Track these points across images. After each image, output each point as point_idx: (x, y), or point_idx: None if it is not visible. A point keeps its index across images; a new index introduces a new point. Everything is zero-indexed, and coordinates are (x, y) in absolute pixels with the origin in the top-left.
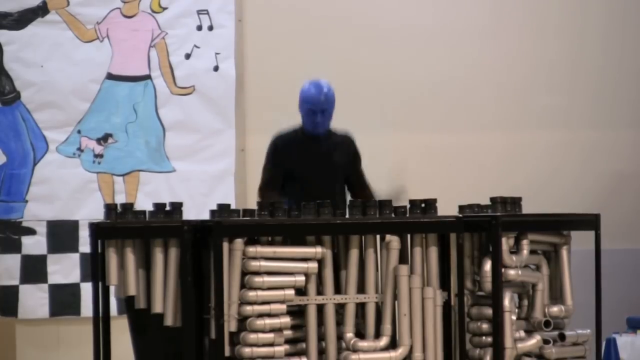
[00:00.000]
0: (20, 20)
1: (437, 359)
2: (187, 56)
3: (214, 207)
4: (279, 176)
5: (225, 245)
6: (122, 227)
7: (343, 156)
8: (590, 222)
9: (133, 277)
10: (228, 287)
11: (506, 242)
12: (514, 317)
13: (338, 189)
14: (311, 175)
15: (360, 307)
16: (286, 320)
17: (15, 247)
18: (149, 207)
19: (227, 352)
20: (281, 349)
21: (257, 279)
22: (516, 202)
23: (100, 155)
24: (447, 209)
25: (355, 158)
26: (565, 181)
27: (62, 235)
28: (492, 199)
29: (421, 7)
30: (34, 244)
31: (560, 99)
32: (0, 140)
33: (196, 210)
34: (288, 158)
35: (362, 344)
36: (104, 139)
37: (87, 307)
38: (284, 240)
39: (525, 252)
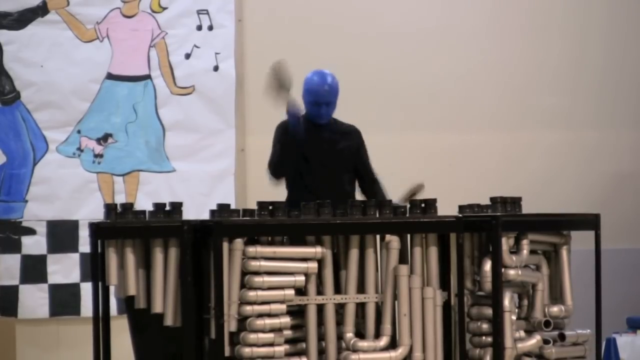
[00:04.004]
0: (20, 20)
1: (437, 359)
2: (187, 56)
3: (214, 207)
4: (292, 152)
5: (225, 245)
6: (122, 227)
7: (348, 145)
8: (590, 222)
9: (133, 277)
10: (228, 287)
11: (506, 242)
12: (514, 317)
13: (345, 177)
14: (317, 161)
15: (360, 307)
16: (286, 320)
17: (15, 247)
18: (149, 207)
19: (227, 352)
20: (281, 349)
21: (257, 279)
22: (516, 202)
23: (100, 155)
24: (447, 209)
25: (361, 149)
26: (566, 181)
27: (62, 235)
28: (492, 199)
29: (422, 8)
30: (34, 244)
31: (562, 100)
32: (0, 140)
33: (196, 210)
34: (295, 142)
35: (362, 343)
36: (103, 139)
37: (87, 307)
38: (284, 240)
39: (525, 252)
